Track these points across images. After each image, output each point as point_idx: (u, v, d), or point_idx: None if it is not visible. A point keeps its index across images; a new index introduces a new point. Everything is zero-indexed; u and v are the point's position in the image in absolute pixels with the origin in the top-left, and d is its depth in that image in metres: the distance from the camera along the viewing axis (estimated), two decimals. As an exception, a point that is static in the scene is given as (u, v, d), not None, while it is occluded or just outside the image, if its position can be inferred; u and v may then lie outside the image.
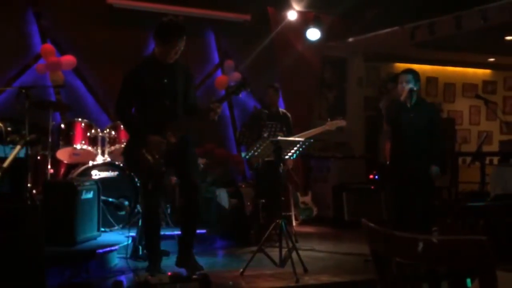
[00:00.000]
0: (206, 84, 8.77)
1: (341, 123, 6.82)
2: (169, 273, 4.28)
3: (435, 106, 6.81)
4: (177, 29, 4.68)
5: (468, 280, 1.71)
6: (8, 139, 5.88)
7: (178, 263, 4.89)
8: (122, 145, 6.34)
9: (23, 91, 5.77)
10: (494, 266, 1.60)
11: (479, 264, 1.61)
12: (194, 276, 4.24)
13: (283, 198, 5.84)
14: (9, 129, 6.02)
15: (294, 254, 4.99)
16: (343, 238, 7.33)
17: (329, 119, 6.88)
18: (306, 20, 8.81)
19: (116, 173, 6.47)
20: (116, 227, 6.22)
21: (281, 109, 7.24)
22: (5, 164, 4.27)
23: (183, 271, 4.71)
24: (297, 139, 5.44)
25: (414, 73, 5.76)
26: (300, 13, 8.72)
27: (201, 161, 7.11)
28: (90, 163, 6.44)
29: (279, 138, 5.52)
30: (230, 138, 9.01)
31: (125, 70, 4.82)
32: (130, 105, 4.81)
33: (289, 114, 7.16)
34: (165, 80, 4.75)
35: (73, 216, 5.13)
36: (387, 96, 7.88)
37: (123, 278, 4.80)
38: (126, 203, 6.28)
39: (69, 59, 7.59)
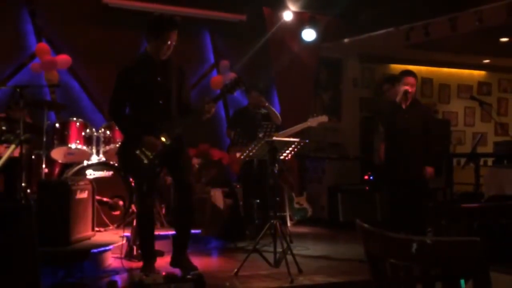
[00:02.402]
0: (201, 84, 8.76)
1: (323, 119, 6.79)
2: (164, 273, 4.28)
3: (430, 107, 6.82)
4: (168, 22, 4.67)
5: (462, 282, 1.71)
6: (3, 138, 5.86)
7: (173, 263, 4.89)
8: (117, 145, 6.32)
9: (18, 90, 5.75)
10: (488, 267, 1.61)
11: (473, 265, 1.61)
12: (189, 276, 4.24)
13: (277, 198, 5.83)
14: (3, 128, 6.00)
15: (288, 255, 4.99)
16: (337, 239, 7.33)
17: (310, 116, 6.83)
18: (301, 21, 8.81)
19: (110, 173, 6.46)
20: (110, 227, 6.21)
21: (263, 110, 7.21)
22: (-1, 163, 4.26)
23: (177, 271, 4.71)
24: (292, 139, 5.43)
25: (416, 76, 5.88)
26: (296, 13, 8.72)
27: (196, 161, 7.10)
28: (85, 162, 6.42)
29: (274, 138, 5.51)
30: (225, 138, 9.00)
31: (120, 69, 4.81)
32: (124, 104, 4.79)
33: (269, 113, 7.14)
34: (159, 78, 4.74)
35: (68, 215, 5.11)
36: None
37: (117, 278, 4.79)
38: (121, 203, 6.28)
39: (64, 58, 7.57)
